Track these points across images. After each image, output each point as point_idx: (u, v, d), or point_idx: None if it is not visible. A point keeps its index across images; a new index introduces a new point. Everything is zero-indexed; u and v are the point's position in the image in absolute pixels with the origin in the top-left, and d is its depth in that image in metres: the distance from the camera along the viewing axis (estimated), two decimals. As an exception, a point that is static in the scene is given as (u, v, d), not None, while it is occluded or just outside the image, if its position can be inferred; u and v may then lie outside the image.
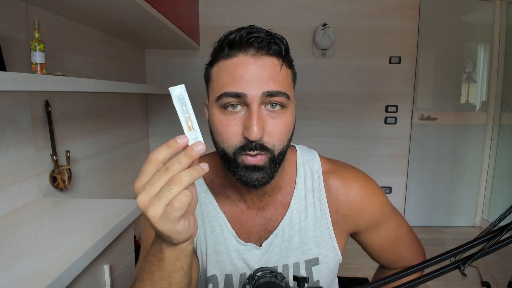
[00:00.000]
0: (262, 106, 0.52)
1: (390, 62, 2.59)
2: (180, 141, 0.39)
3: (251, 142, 0.51)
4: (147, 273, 0.46)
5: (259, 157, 0.52)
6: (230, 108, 0.52)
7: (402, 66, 2.59)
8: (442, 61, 2.70)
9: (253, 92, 0.50)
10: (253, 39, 0.51)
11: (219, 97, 0.52)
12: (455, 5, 2.58)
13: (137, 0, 1.22)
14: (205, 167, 0.40)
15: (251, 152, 0.52)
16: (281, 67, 0.53)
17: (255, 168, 0.53)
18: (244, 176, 0.53)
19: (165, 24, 1.62)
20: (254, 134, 0.49)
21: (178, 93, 0.40)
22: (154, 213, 0.37)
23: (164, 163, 0.39)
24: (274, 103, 0.52)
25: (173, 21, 1.72)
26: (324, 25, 2.43)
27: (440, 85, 2.69)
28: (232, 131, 0.52)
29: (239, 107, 0.52)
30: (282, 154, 0.55)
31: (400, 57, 2.58)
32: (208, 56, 0.58)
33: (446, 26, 2.63)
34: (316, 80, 2.58)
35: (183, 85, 0.40)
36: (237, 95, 0.50)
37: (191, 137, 0.40)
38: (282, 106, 0.53)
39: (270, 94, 0.51)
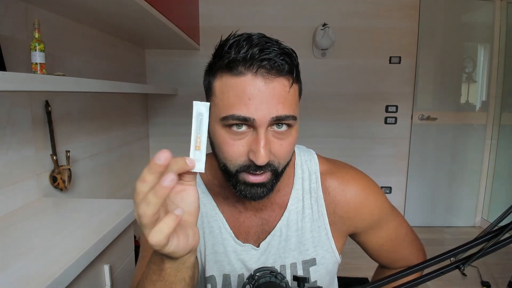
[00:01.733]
0: (269, 128, 0.51)
1: (390, 62, 2.59)
2: (158, 161, 0.34)
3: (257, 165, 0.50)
4: (149, 281, 0.45)
5: (263, 175, 0.52)
6: (235, 128, 0.50)
7: (402, 66, 2.59)
8: (442, 61, 2.70)
9: (262, 116, 0.48)
10: (265, 62, 0.48)
11: (225, 118, 0.50)
12: (455, 5, 2.58)
13: (137, 0, 1.22)
14: (178, 212, 0.36)
15: (257, 172, 0.51)
16: (291, 86, 0.51)
17: (256, 184, 0.53)
18: (244, 191, 0.54)
19: (165, 24, 1.62)
20: (262, 159, 0.49)
21: (200, 111, 0.39)
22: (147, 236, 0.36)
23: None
24: (281, 123, 0.51)
25: (173, 21, 1.72)
26: (324, 25, 2.43)
27: (440, 85, 2.69)
28: (237, 151, 0.51)
29: (244, 128, 0.50)
30: (285, 168, 0.55)
31: (400, 57, 2.58)
32: (208, 56, 0.56)
33: (446, 26, 2.64)
34: (316, 80, 2.58)
35: (208, 104, 0.39)
36: (245, 119, 0.49)
37: (195, 157, 0.39)
38: (289, 126, 0.52)
39: (278, 119, 0.50)
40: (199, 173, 0.67)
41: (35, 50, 1.02)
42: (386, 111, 2.65)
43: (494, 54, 2.62)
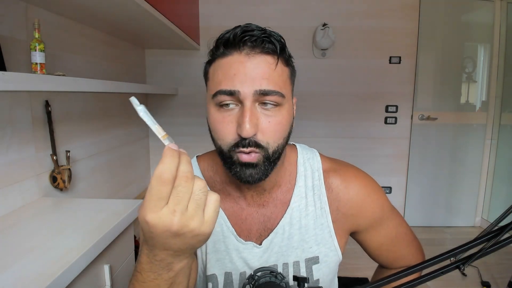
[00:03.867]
0: (256, 104, 0.52)
1: (390, 62, 2.59)
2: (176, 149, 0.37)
3: (245, 139, 0.51)
4: None
5: (253, 154, 0.53)
6: (224, 106, 0.53)
7: (402, 66, 2.59)
8: (442, 61, 2.69)
9: (246, 89, 0.51)
10: (247, 37, 0.51)
11: (214, 95, 0.53)
12: (455, 5, 2.58)
13: (137, 0, 1.22)
14: (174, 147, 0.37)
15: (245, 149, 0.52)
16: (276, 65, 0.53)
17: (249, 165, 0.53)
18: (238, 172, 0.54)
19: (165, 24, 1.62)
20: (246, 131, 0.50)
21: (142, 107, 0.39)
22: (199, 221, 0.37)
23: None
24: (268, 101, 0.52)
25: (173, 21, 1.72)
26: (324, 25, 2.43)
27: (440, 85, 2.69)
28: (226, 128, 0.53)
29: (233, 104, 0.52)
30: (277, 153, 0.55)
31: (400, 57, 2.58)
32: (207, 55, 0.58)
33: (446, 26, 2.63)
34: (316, 80, 2.58)
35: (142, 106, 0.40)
36: (230, 93, 0.51)
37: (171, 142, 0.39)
38: (277, 104, 0.53)
39: (263, 93, 0.51)
40: (201, 169, 0.68)
41: (35, 50, 1.02)
42: (386, 111, 2.65)
43: (494, 54, 2.62)
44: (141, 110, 0.39)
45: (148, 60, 2.54)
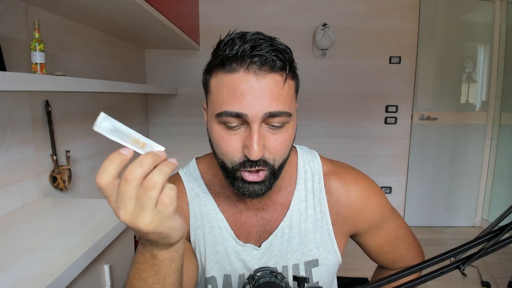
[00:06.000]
0: (263, 124, 0.51)
1: (390, 62, 2.59)
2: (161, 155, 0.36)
3: (252, 160, 0.51)
4: (139, 280, 0.44)
5: (260, 173, 0.52)
6: (229, 124, 0.51)
7: (402, 66, 2.59)
8: (442, 61, 2.70)
9: (254, 112, 0.49)
10: (256, 58, 0.48)
11: (219, 115, 0.51)
12: (455, 5, 2.58)
13: (137, 0, 1.22)
14: (174, 161, 0.37)
15: (252, 169, 0.52)
16: (284, 82, 0.51)
17: (254, 182, 0.53)
18: (241, 188, 0.54)
19: (165, 24, 1.62)
20: (255, 154, 0.49)
21: (106, 126, 0.36)
22: (144, 222, 0.34)
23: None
24: (275, 122, 0.51)
25: (173, 21, 1.72)
26: (324, 25, 2.43)
27: (440, 85, 2.69)
28: (232, 146, 0.52)
29: (238, 123, 0.51)
30: (282, 166, 0.55)
31: (400, 57, 2.58)
32: (208, 56, 0.56)
33: (446, 26, 2.64)
34: (316, 80, 2.58)
35: (102, 114, 0.35)
36: (237, 115, 0.49)
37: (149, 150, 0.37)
38: (283, 122, 0.52)
39: (272, 115, 0.50)
40: (200, 172, 0.68)
41: (35, 50, 1.02)
42: (386, 111, 2.65)
43: (494, 54, 2.62)
44: (106, 131, 0.35)
45: (148, 60, 2.54)
